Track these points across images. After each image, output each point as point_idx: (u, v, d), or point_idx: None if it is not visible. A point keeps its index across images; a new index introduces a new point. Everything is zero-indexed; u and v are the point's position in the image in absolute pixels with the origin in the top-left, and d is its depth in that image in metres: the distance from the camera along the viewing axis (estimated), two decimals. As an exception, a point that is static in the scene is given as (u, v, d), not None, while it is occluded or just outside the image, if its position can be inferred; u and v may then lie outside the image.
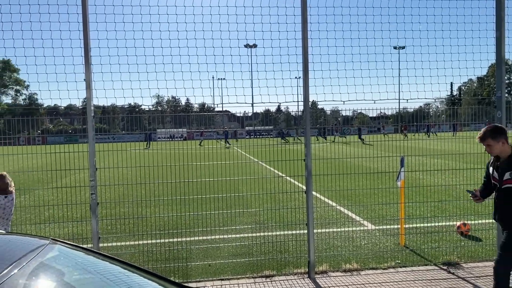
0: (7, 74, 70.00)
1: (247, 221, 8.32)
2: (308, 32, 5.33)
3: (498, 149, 4.05)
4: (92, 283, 1.90)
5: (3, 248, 1.87)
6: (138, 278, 2.15)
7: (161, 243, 6.83)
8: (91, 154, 5.12)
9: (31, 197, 11.81)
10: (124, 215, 8.98)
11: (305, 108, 5.39)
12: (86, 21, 4.92)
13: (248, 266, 5.82)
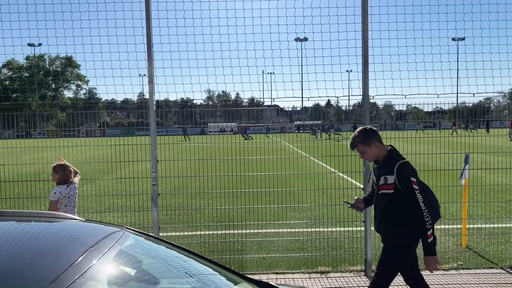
0: (69, 70, 74.20)
1: (300, 216, 8.29)
2: (368, 24, 5.19)
3: (373, 153, 3.60)
4: (167, 272, 1.97)
5: (85, 235, 1.98)
6: (206, 268, 2.20)
7: (216, 234, 6.97)
8: (152, 146, 5.30)
9: (93, 187, 12.45)
10: (180, 206, 9.25)
11: (364, 103, 5.26)
12: (149, 17, 5.08)
13: (302, 261, 5.80)
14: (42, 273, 1.52)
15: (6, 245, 1.85)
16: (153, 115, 5.30)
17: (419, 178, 3.46)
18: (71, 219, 2.32)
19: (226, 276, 2.20)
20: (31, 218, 2.42)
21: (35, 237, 2.02)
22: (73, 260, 1.62)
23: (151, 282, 1.81)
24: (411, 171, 3.44)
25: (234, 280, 2.18)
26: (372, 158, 3.65)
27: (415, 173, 3.45)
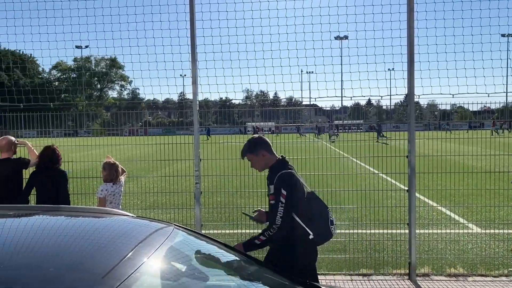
0: (113, 71, 76.95)
1: (341, 217, 8.18)
2: (414, 21, 5.05)
3: (260, 162, 3.53)
4: (215, 269, 2.01)
5: (137, 231, 2.05)
6: (252, 267, 2.22)
7: (255, 233, 7.00)
8: (196, 145, 5.41)
9: (137, 184, 12.84)
10: (220, 204, 9.37)
11: (410, 102, 5.12)
12: (193, 19, 5.18)
13: (343, 263, 5.73)
14: (95, 267, 1.57)
15: (60, 239, 1.94)
16: (196, 115, 5.40)
17: (300, 193, 3.39)
18: (123, 215, 2.40)
19: (271, 276, 2.22)
20: (85, 213, 2.53)
21: (89, 232, 2.12)
22: (126, 255, 1.68)
23: (201, 279, 1.85)
24: (284, 183, 3.35)
25: (279, 280, 2.19)
26: (260, 167, 3.62)
27: (288, 185, 3.35)
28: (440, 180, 10.83)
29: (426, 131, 28.83)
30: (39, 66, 58.16)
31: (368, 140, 16.16)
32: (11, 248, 1.77)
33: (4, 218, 2.43)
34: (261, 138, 3.64)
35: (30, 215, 2.44)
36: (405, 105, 30.87)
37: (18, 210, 2.67)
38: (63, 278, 1.47)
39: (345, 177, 12.50)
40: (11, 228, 2.19)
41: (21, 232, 2.08)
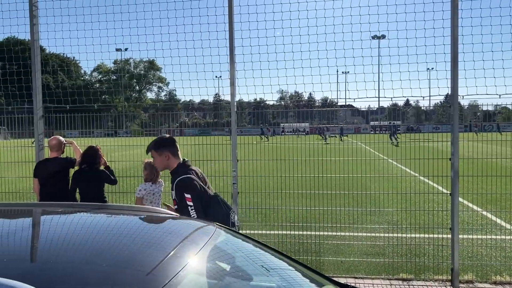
0: (151, 73, 78.89)
1: (379, 220, 8.03)
2: (458, 20, 4.89)
3: (161, 163, 3.53)
4: (258, 270, 2.03)
5: (181, 229, 2.10)
6: (294, 268, 2.22)
7: (291, 234, 6.99)
8: (233, 146, 5.45)
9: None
10: (256, 205, 9.40)
11: (453, 102, 4.96)
12: (231, 22, 5.23)
13: (382, 267, 5.62)
14: (143, 265, 1.61)
15: (104, 236, 2.01)
16: (234, 116, 5.44)
17: (201, 196, 3.35)
18: (166, 214, 2.46)
19: (313, 278, 2.21)
20: (130, 212, 2.61)
21: (135, 230, 2.18)
22: (173, 254, 1.72)
23: (246, 279, 1.87)
24: (186, 188, 3.35)
25: (321, 282, 2.18)
26: (160, 167, 3.64)
27: (189, 189, 3.35)
28: (484, 184, 10.42)
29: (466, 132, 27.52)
30: (82, 69, 60.48)
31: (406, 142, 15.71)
32: (64, 244, 1.85)
33: (55, 215, 2.54)
34: (170, 139, 3.64)
35: (78, 213, 2.54)
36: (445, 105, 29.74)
37: (68, 207, 2.78)
38: (116, 273, 1.51)
39: (384, 180, 12.26)
40: (63, 224, 2.29)
41: (70, 228, 2.17)
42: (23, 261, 1.68)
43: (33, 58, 5.50)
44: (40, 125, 5.56)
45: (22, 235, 2.05)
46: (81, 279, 1.43)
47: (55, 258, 1.67)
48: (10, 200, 10.34)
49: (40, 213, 2.54)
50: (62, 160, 5.37)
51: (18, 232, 2.09)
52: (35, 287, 1.26)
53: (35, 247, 1.85)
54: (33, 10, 5.42)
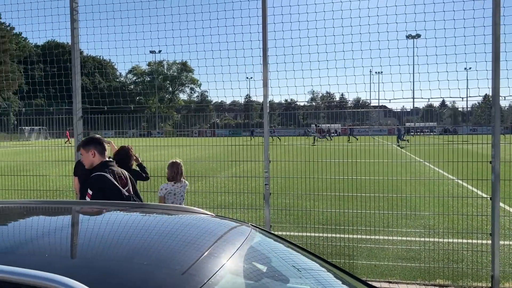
0: (184, 74, 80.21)
1: (414, 224, 7.83)
2: (500, 17, 4.71)
3: (87, 160, 3.79)
4: (294, 271, 2.02)
5: (217, 229, 2.12)
6: (331, 271, 2.20)
7: (323, 237, 6.92)
8: (265, 147, 5.46)
9: (205, 184, 13.24)
10: (287, 206, 9.38)
11: (495, 103, 4.77)
12: (265, 23, 5.24)
13: (417, 272, 5.48)
14: (181, 263, 1.63)
15: (142, 235, 2.05)
16: (267, 117, 5.44)
17: (110, 195, 3.46)
18: (202, 213, 2.49)
19: (348, 281, 2.18)
20: (166, 211, 2.66)
21: (173, 229, 2.21)
22: (210, 253, 1.73)
23: (281, 281, 1.87)
24: (92, 185, 3.59)
25: (355, 286, 2.15)
26: (86, 163, 3.86)
27: (94, 187, 3.56)
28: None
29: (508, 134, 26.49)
30: (117, 70, 62.22)
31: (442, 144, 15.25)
32: (104, 242, 1.90)
33: (95, 213, 2.62)
34: (97, 138, 3.94)
35: (116, 211, 2.61)
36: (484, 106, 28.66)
37: (106, 206, 2.86)
38: (156, 272, 1.54)
39: (419, 183, 11.96)
40: (101, 222, 2.36)
41: (110, 226, 2.23)
42: (67, 258, 1.74)
43: (73, 60, 5.69)
44: (79, 126, 5.75)
45: (64, 233, 2.13)
46: (123, 276, 1.47)
47: (97, 255, 1.73)
48: (50, 197, 10.75)
49: (80, 211, 2.63)
50: None
51: (59, 229, 2.17)
52: (81, 283, 1.30)
53: (77, 244, 1.92)
54: (74, 14, 5.62)
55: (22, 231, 2.14)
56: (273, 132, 29.96)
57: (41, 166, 12.94)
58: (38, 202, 2.88)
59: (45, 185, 10.35)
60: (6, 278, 1.36)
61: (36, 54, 44.94)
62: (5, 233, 2.10)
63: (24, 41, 57.38)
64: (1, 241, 1.92)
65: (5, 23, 51.92)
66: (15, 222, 2.39)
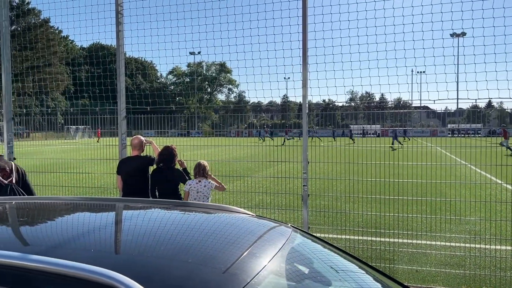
0: (222, 75, 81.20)
1: (457, 229, 7.55)
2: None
3: None
4: (335, 274, 2.00)
5: (259, 229, 2.13)
6: (373, 275, 2.16)
7: (363, 240, 6.79)
8: (304, 148, 5.42)
9: (243, 183, 13.32)
10: (325, 208, 9.29)
11: (548, 105, 4.52)
12: (305, 23, 5.22)
13: (462, 279, 5.28)
14: (222, 263, 1.64)
15: (184, 233, 2.08)
16: (306, 117, 5.41)
17: None
18: (243, 213, 2.50)
19: (391, 286, 2.13)
20: (208, 209, 2.69)
21: (213, 228, 2.24)
22: (253, 253, 1.74)
23: (324, 283, 1.85)
24: None
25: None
26: None
27: None
28: None
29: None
30: (158, 72, 63.80)
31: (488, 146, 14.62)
32: (148, 239, 1.96)
33: (139, 210, 2.70)
34: None
35: (159, 209, 2.68)
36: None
37: (149, 204, 2.94)
38: (200, 270, 1.57)
39: (463, 186, 11.51)
40: (143, 219, 2.43)
41: (152, 224, 2.29)
42: (114, 253, 1.80)
43: (118, 62, 5.88)
44: (124, 125, 5.94)
45: (111, 229, 2.20)
46: (170, 273, 1.50)
47: (143, 251, 1.78)
48: (95, 194, 11.17)
49: (126, 208, 2.71)
50: (143, 159, 5.69)
51: (107, 226, 2.25)
52: (130, 278, 1.35)
53: (123, 240, 1.98)
54: (119, 17, 5.81)
55: (70, 227, 2.24)
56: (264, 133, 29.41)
57: (86, 164, 13.47)
58: (85, 199, 3.00)
59: (90, 183, 10.76)
60: (59, 271, 1.43)
61: (82, 56, 46.86)
62: (56, 228, 2.21)
63: (71, 44, 59.97)
64: (53, 235, 2.01)
65: (53, 26, 54.45)
66: (64, 218, 2.50)
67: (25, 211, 2.64)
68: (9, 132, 6.07)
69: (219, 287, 1.43)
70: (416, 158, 7.39)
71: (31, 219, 2.45)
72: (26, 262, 1.48)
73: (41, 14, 53.14)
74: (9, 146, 6.09)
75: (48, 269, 1.44)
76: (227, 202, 9.99)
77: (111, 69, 7.06)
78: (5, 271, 1.49)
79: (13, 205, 2.70)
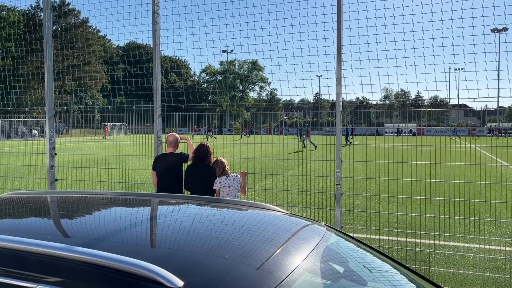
0: (254, 73, 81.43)
1: (498, 232, 7.27)
2: None
3: None
4: (369, 274, 1.98)
5: (293, 228, 2.13)
6: (409, 277, 2.12)
7: (397, 241, 6.66)
8: (337, 146, 5.37)
9: (274, 181, 13.33)
10: (358, 208, 9.16)
11: None
12: (340, 19, 5.15)
13: (501, 283, 5.09)
14: (258, 259, 1.65)
15: (220, 228, 2.11)
16: (340, 115, 5.36)
17: None
18: (277, 211, 2.51)
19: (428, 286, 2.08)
20: (242, 206, 2.71)
21: (247, 224, 2.26)
22: (288, 251, 1.75)
23: (359, 283, 1.83)
24: None
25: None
26: None
27: None
28: None
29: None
30: (191, 70, 64.68)
31: None
32: (185, 234, 2.00)
33: (174, 205, 2.76)
34: None
35: (195, 205, 2.72)
36: None
37: (185, 199, 3.00)
38: (237, 266, 1.58)
39: (503, 188, 11.07)
40: (177, 214, 2.48)
41: (189, 219, 2.33)
42: (153, 247, 1.85)
43: (154, 61, 6.01)
44: (159, 123, 6.07)
45: (149, 224, 2.26)
46: (208, 268, 1.53)
47: (181, 246, 1.82)
48: (130, 190, 11.46)
49: (162, 204, 2.78)
50: (177, 155, 5.79)
51: (144, 221, 2.31)
52: (168, 271, 1.39)
53: (161, 235, 2.03)
54: (155, 17, 5.93)
55: (111, 221, 2.32)
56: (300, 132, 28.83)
57: (122, 160, 13.86)
58: (123, 194, 3.09)
59: (126, 178, 11.06)
60: (100, 262, 1.48)
61: (118, 54, 48.12)
62: (97, 222, 2.29)
63: (108, 43, 61.71)
64: (95, 229, 2.09)
65: (92, 26, 56.20)
66: (104, 212, 2.59)
67: (66, 205, 2.75)
68: (51, 128, 6.32)
69: (255, 283, 1.45)
70: (454, 158, 7.15)
71: (71, 213, 2.55)
72: (69, 253, 1.55)
73: (80, 14, 55.01)
74: (51, 142, 6.34)
75: (91, 261, 1.50)
76: (259, 199, 10.03)
77: (146, 68, 7.24)
78: (50, 261, 1.56)
79: (54, 199, 2.82)
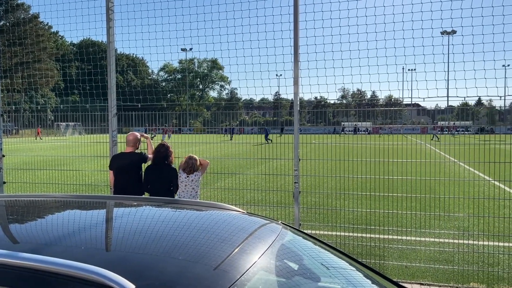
0: (214, 72, 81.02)
1: (447, 225, 7.64)
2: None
3: None
4: (324, 270, 2.02)
5: (249, 226, 2.14)
6: (361, 271, 2.18)
7: (353, 236, 6.85)
8: (295, 145, 5.44)
9: (234, 180, 13.33)
10: (316, 205, 9.33)
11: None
12: (297, 20, 5.22)
13: (450, 275, 5.35)
14: (215, 260, 1.65)
15: (174, 230, 2.09)
16: (297, 115, 5.43)
17: None
18: (233, 210, 2.51)
19: (380, 282, 2.16)
20: (198, 207, 2.69)
21: (205, 226, 2.24)
22: (242, 250, 1.75)
23: (313, 280, 1.87)
24: None
25: (387, 287, 2.12)
26: None
27: None
28: None
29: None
30: (149, 68, 63.43)
31: (477, 144, 14.77)
32: (138, 236, 1.96)
33: (130, 208, 2.69)
34: None
35: (150, 206, 2.67)
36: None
37: (140, 201, 2.94)
38: (191, 267, 1.57)
39: (452, 183, 11.64)
40: (134, 216, 2.43)
41: (143, 222, 2.29)
42: (104, 251, 1.80)
43: (109, 59, 5.84)
44: (114, 122, 5.90)
45: (101, 227, 2.20)
46: (160, 270, 1.51)
47: (133, 249, 1.78)
48: (85, 191, 11.10)
49: (116, 206, 2.71)
50: (137, 155, 5.66)
51: (97, 224, 2.24)
52: (121, 276, 1.35)
53: (113, 238, 1.98)
54: (110, 14, 5.77)
55: (61, 224, 2.23)
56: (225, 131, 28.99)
57: (76, 161, 13.37)
58: (74, 196, 2.99)
59: (80, 179, 10.69)
60: (50, 268, 1.43)
61: (72, 52, 46.39)
62: (46, 226, 2.20)
63: (61, 40, 59.35)
64: (44, 233, 2.01)
65: (43, 22, 53.84)
66: (54, 215, 2.49)
67: (14, 209, 2.62)
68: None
69: (209, 284, 1.44)
70: (406, 156, 7.44)
71: (20, 217, 2.44)
72: (15, 260, 1.48)
73: (30, 9, 52.53)
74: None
75: (38, 267, 1.43)
76: (218, 199, 10.00)
77: (101, 66, 7.01)
78: (-6, 269, 1.48)
79: (2, 202, 2.68)
